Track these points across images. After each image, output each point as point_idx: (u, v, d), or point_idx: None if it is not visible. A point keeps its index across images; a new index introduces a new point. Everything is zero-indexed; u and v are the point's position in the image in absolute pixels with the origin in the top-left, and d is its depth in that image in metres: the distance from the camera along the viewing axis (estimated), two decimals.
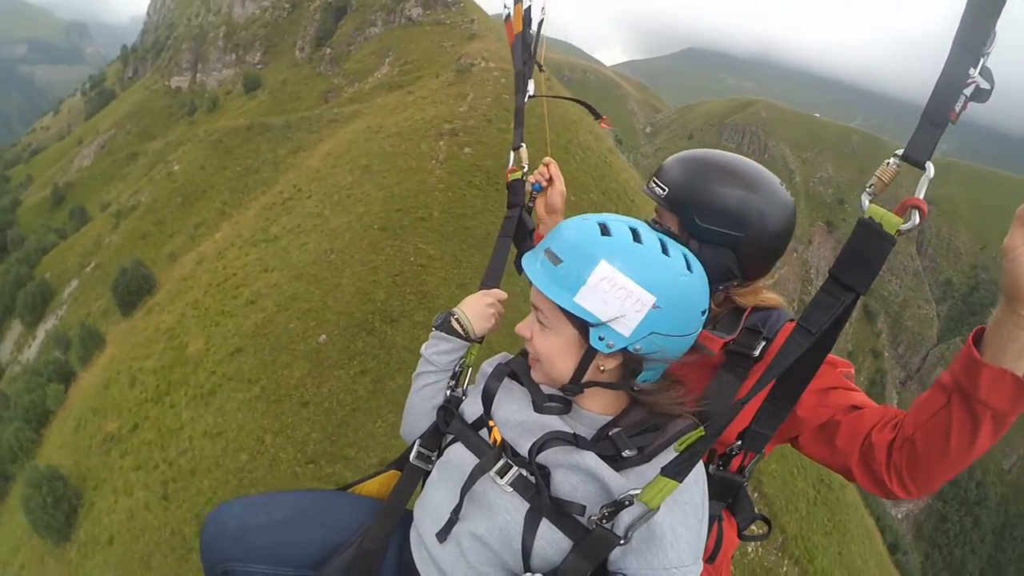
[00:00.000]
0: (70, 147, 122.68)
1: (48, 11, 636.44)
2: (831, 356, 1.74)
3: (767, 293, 2.05)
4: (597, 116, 2.48)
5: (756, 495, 25.67)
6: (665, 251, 1.52)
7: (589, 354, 1.55)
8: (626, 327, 1.47)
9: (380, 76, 66.24)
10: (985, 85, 1.26)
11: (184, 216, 55.97)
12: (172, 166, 65.02)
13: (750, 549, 23.92)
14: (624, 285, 1.45)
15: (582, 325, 1.50)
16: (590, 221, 1.56)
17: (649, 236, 1.54)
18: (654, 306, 1.46)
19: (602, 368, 1.57)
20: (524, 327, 1.65)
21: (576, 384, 1.59)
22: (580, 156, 40.04)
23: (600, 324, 1.47)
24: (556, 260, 1.52)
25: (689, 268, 1.54)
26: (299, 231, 31.73)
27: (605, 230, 1.52)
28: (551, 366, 1.60)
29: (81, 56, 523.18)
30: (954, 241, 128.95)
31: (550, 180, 2.37)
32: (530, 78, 2.35)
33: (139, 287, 41.31)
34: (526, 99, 2.37)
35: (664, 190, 1.97)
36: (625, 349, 1.50)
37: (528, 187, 2.37)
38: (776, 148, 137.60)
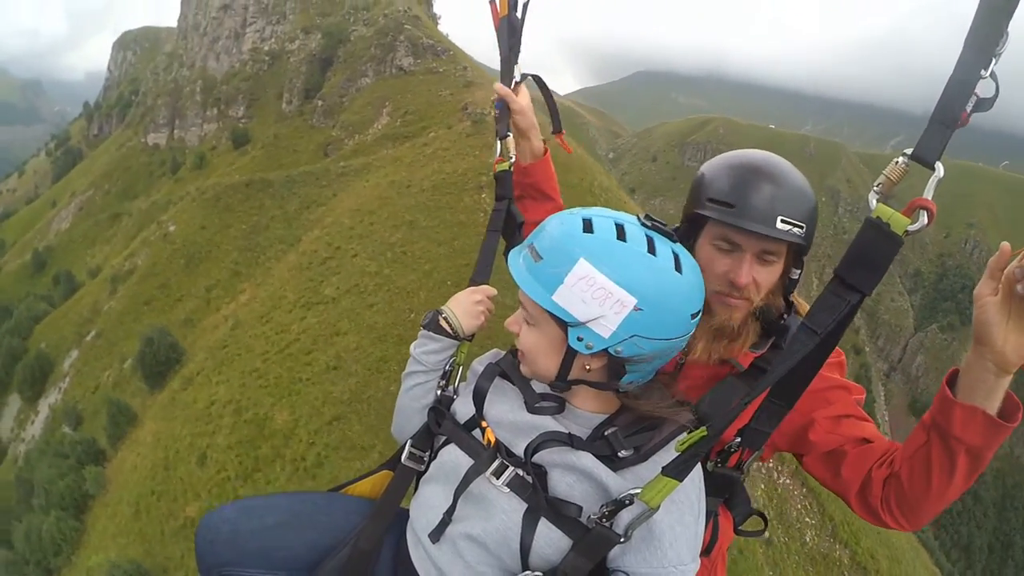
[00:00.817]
0: (43, 210, 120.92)
1: (2, 69, 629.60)
2: (846, 381, 1.90)
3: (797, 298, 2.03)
4: (558, 129, 2.46)
5: (804, 489, 27.52)
6: (652, 250, 1.45)
7: (571, 353, 1.51)
8: (605, 328, 1.42)
9: (381, 127, 66.36)
10: (990, 93, 1.26)
11: (191, 278, 55.05)
12: (167, 227, 64.01)
13: (808, 539, 26.11)
14: (603, 285, 1.41)
15: (563, 324, 1.47)
16: (575, 216, 1.51)
17: (636, 233, 1.47)
18: (635, 308, 1.41)
19: (588, 367, 1.53)
20: (513, 322, 1.64)
21: (563, 381, 1.57)
22: (603, 198, 40.60)
23: (578, 324, 1.44)
24: (537, 257, 1.48)
25: (679, 268, 1.48)
26: (361, 291, 31.35)
27: (588, 226, 1.47)
28: (535, 363, 1.59)
29: (38, 115, 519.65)
30: (919, 233, 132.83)
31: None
32: (516, 63, 2.24)
33: (167, 357, 39.93)
34: (513, 85, 2.25)
35: (802, 228, 1.76)
36: (606, 351, 1.47)
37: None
38: None
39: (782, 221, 1.72)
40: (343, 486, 2.06)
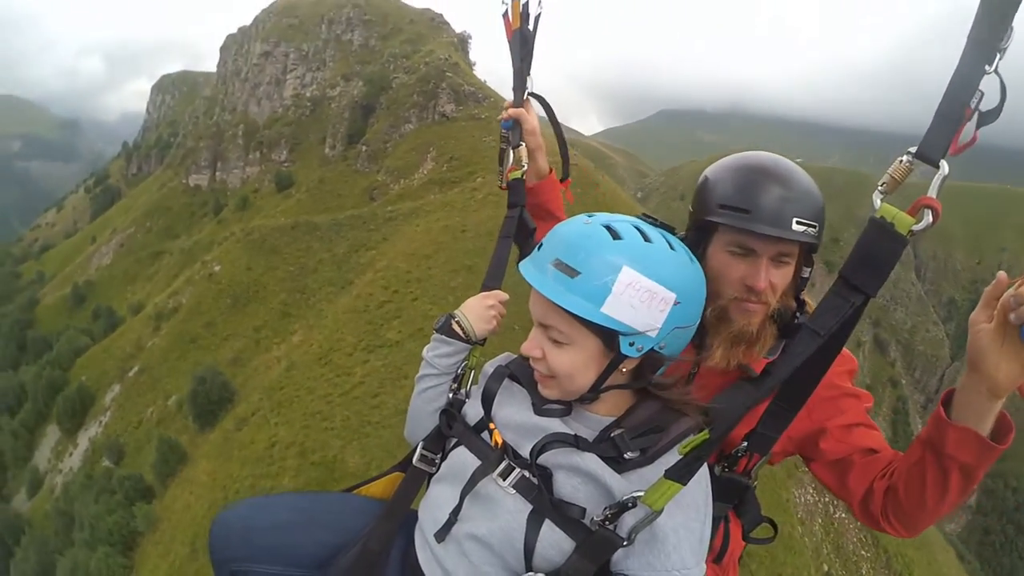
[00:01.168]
0: (82, 244, 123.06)
1: (42, 108, 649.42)
2: (856, 389, 1.91)
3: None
4: (565, 176, 2.51)
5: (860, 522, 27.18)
6: (671, 246, 1.53)
7: (615, 362, 1.52)
8: (653, 328, 1.47)
9: (426, 172, 67.08)
10: (993, 104, 1.26)
11: (238, 318, 55.30)
12: (212, 266, 64.64)
13: (864, 571, 26.02)
14: (648, 288, 1.44)
15: (608, 335, 1.47)
16: (595, 226, 1.52)
17: (654, 233, 1.53)
18: (675, 303, 1.47)
19: (623, 370, 1.55)
20: (532, 347, 1.60)
21: (594, 392, 1.57)
22: None
23: (630, 331, 1.46)
24: (572, 272, 1.46)
25: (691, 259, 1.57)
26: (424, 335, 30.71)
27: (615, 234, 1.49)
28: (571, 382, 1.56)
29: (76, 152, 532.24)
30: (951, 260, 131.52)
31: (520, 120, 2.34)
32: (528, 75, 2.31)
33: (220, 396, 40.00)
34: (525, 96, 2.33)
35: (815, 227, 1.78)
36: (652, 349, 1.50)
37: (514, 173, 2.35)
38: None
39: (797, 222, 1.74)
40: (355, 487, 2.09)
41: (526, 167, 2.36)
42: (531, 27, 2.32)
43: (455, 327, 1.97)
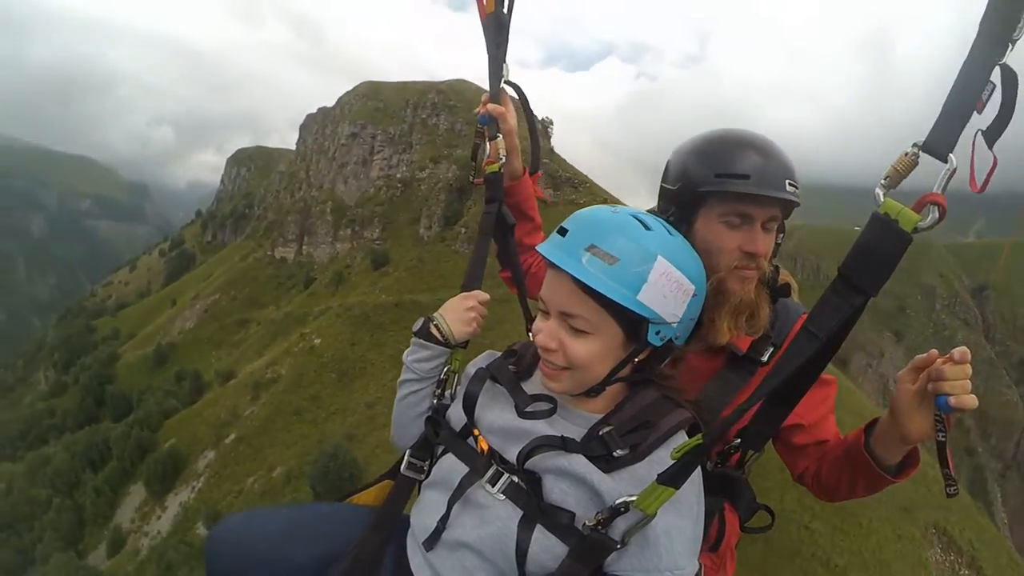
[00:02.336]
0: (160, 306, 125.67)
1: (113, 170, 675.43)
2: (826, 376, 1.92)
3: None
4: (535, 169, 2.47)
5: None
6: (671, 235, 1.56)
7: (635, 352, 1.53)
8: (675, 317, 1.50)
9: None
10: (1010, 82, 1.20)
11: (345, 393, 55.41)
12: (312, 339, 65.18)
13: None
14: (677, 279, 1.48)
15: (633, 324, 1.48)
16: (625, 216, 1.53)
17: (670, 228, 1.56)
18: (694, 293, 1.52)
19: (635, 361, 1.56)
20: (548, 338, 1.54)
21: (604, 384, 1.57)
22: None
23: (659, 320, 1.47)
24: (611, 259, 1.45)
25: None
26: None
27: (645, 225, 1.51)
28: (589, 373, 1.54)
29: (143, 215, 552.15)
30: (1019, 320, 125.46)
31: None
32: (504, 61, 2.20)
33: (350, 474, 39.54)
34: (501, 83, 2.22)
35: (797, 188, 1.88)
36: (671, 339, 1.53)
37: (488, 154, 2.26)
38: (829, 270, 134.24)
39: (789, 184, 1.83)
40: (347, 496, 2.04)
41: (503, 159, 2.23)
42: (506, 10, 2.19)
43: (433, 330, 1.90)
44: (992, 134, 1.23)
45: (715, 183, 1.83)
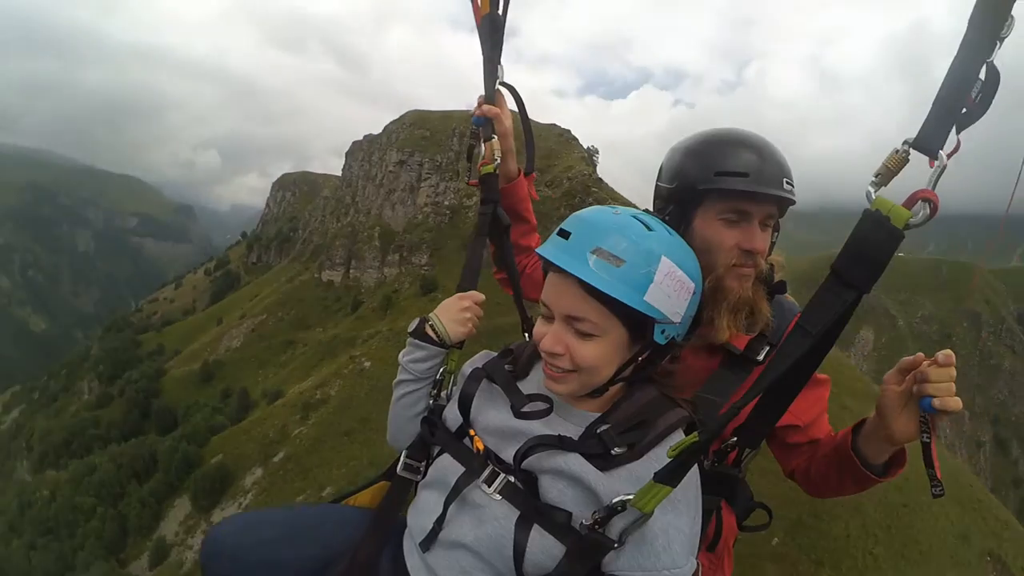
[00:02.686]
0: (205, 324, 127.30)
1: (159, 191, 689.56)
2: (822, 376, 2.01)
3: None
4: (530, 170, 2.47)
5: None
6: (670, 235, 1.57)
7: (641, 351, 1.54)
8: (679, 316, 1.50)
9: None
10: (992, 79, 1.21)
11: None
12: (362, 362, 65.30)
13: None
14: (680, 278, 1.48)
15: (638, 325, 1.48)
16: (627, 217, 1.53)
17: (657, 224, 1.55)
18: (694, 292, 1.52)
19: (639, 360, 1.56)
20: (553, 342, 1.53)
21: (609, 384, 1.57)
22: None
23: (665, 320, 1.47)
24: (617, 261, 1.44)
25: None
26: None
27: (647, 226, 1.51)
28: (595, 375, 1.54)
29: (187, 235, 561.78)
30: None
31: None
32: (499, 63, 2.21)
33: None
34: (496, 85, 2.23)
35: (792, 186, 1.92)
36: (674, 338, 1.53)
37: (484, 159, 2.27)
38: (873, 297, 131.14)
39: (786, 183, 1.88)
40: (343, 497, 2.06)
41: (499, 160, 2.25)
42: (500, 12, 2.19)
43: (428, 331, 1.90)
44: (964, 121, 1.22)
45: (714, 181, 1.87)
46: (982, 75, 1.21)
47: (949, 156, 1.25)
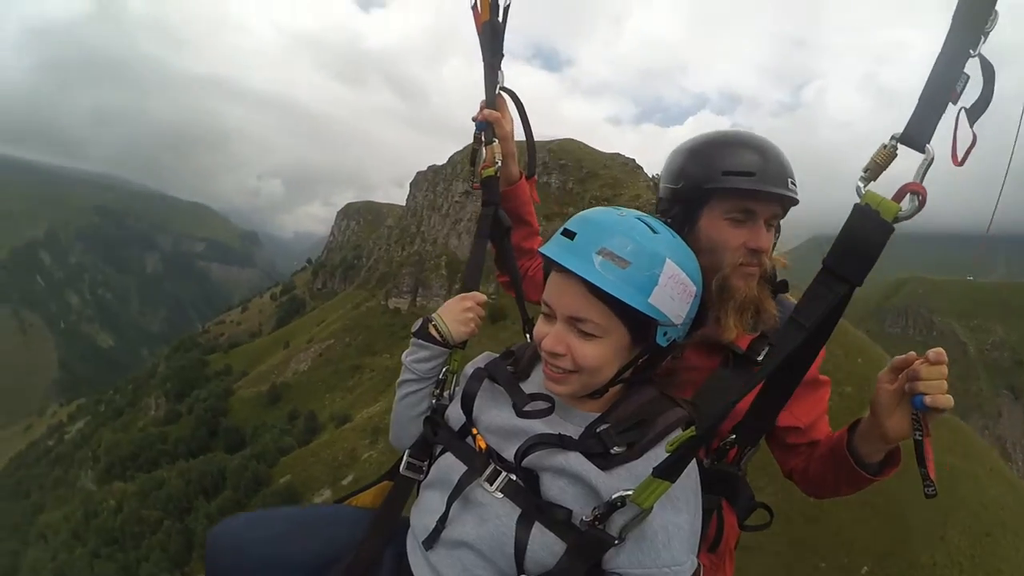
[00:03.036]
0: (272, 347, 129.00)
1: (225, 217, 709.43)
2: (823, 377, 2.08)
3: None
4: (531, 173, 2.48)
5: None
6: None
7: (643, 353, 1.55)
8: (680, 318, 1.51)
9: None
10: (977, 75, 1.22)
11: None
12: None
13: None
14: (683, 281, 1.49)
15: (641, 326, 1.49)
16: (632, 219, 1.53)
17: (661, 226, 1.56)
18: (695, 294, 1.53)
19: (639, 362, 1.57)
20: (555, 343, 1.53)
21: (610, 386, 1.58)
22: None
23: (668, 322, 1.48)
24: (623, 263, 1.45)
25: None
26: None
27: (652, 228, 1.52)
28: (597, 376, 1.54)
29: (251, 260, 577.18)
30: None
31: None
32: (499, 68, 2.26)
33: None
34: (497, 90, 2.28)
35: (795, 185, 1.94)
36: (675, 339, 1.54)
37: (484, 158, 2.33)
38: (943, 323, 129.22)
39: (791, 182, 1.91)
40: (346, 497, 2.09)
41: (499, 163, 2.28)
42: (500, 19, 2.22)
43: (431, 331, 1.93)
44: (974, 113, 1.23)
45: (721, 180, 1.89)
46: (967, 69, 1.21)
47: (967, 152, 1.26)
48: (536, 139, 2.44)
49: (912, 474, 1.51)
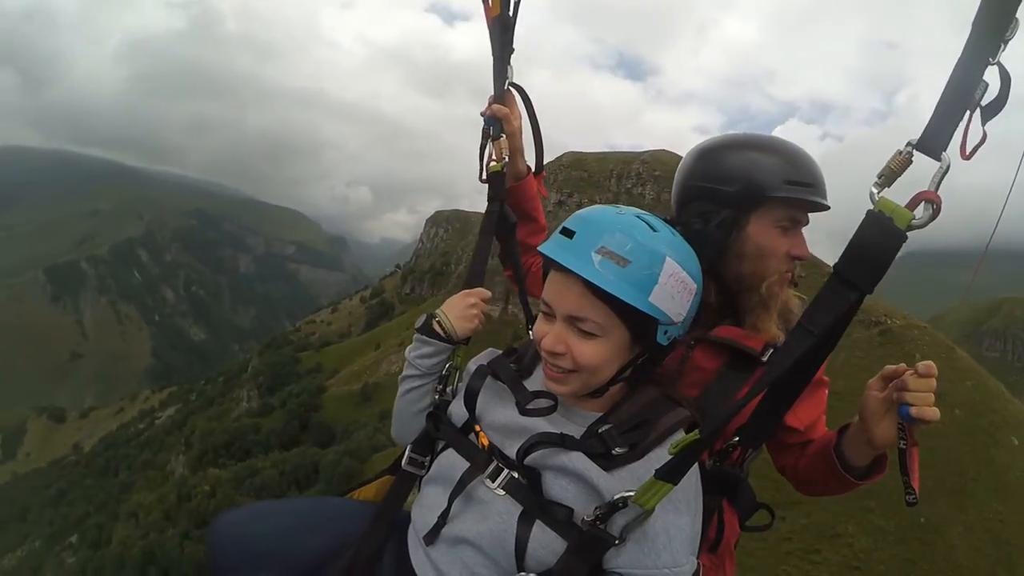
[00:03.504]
0: (362, 348, 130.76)
1: (316, 222, 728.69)
2: (824, 377, 2.05)
3: None
4: (539, 171, 2.46)
5: None
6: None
7: (643, 352, 1.54)
8: (680, 316, 1.49)
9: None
10: (992, 94, 1.21)
11: None
12: None
13: None
14: (683, 279, 1.47)
15: (641, 326, 1.47)
16: (631, 217, 1.51)
17: (660, 224, 1.54)
18: (695, 292, 1.52)
19: (639, 361, 1.56)
20: (555, 342, 1.52)
21: (610, 385, 1.57)
22: None
23: (668, 321, 1.47)
24: (623, 261, 1.42)
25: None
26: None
27: (652, 226, 1.50)
28: (596, 376, 1.53)
29: (339, 264, 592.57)
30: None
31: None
32: (508, 63, 2.24)
33: None
34: (506, 85, 2.27)
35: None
36: (675, 338, 1.53)
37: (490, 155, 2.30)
38: None
39: (818, 197, 1.92)
40: (349, 490, 2.07)
41: (507, 159, 2.26)
42: (511, 13, 2.20)
43: (435, 327, 1.91)
44: (987, 114, 1.22)
45: (784, 189, 1.87)
46: (986, 77, 1.19)
47: (976, 148, 1.24)
48: (625, 150, 1.96)
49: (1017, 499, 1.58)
